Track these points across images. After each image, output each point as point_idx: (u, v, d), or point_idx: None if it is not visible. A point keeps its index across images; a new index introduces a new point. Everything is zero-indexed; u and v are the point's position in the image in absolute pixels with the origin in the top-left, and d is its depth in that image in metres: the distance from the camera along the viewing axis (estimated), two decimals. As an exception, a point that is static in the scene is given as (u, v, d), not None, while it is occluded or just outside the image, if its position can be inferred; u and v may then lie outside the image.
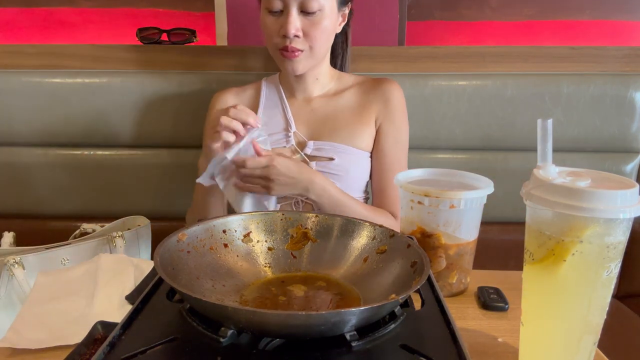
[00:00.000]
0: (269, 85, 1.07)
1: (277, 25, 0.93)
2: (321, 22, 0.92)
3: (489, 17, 1.37)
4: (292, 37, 0.91)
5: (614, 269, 0.47)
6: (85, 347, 0.53)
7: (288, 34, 0.91)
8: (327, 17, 0.93)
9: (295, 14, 0.91)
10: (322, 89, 1.05)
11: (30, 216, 1.30)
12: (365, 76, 1.09)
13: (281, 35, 0.92)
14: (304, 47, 0.93)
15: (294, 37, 0.91)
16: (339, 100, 1.04)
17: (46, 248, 0.85)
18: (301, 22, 0.91)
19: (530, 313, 0.53)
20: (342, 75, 1.08)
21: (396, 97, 1.04)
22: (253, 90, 1.09)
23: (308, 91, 1.04)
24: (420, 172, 0.81)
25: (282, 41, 0.93)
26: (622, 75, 1.21)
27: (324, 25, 0.93)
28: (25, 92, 1.22)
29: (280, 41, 0.93)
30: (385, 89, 1.04)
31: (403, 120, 1.05)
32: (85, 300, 0.67)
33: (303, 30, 0.92)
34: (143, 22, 1.35)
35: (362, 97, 1.05)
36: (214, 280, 0.52)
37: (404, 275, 0.51)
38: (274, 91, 1.06)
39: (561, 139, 1.21)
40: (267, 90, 1.07)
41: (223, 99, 1.07)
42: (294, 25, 0.90)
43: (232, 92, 1.08)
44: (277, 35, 0.93)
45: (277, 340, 0.42)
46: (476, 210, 0.72)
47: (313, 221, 0.62)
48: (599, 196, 0.44)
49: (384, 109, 1.03)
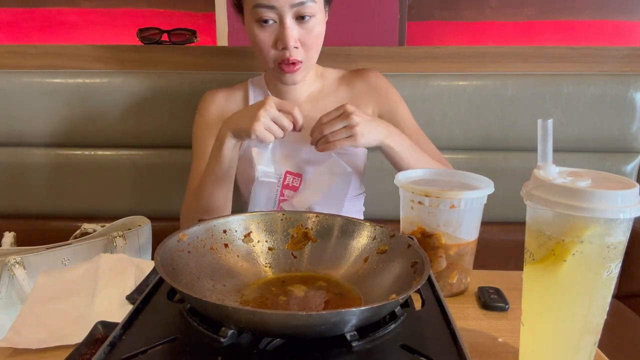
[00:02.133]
0: (255, 88, 1.06)
1: (271, 38, 0.87)
2: (315, 28, 0.88)
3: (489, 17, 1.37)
4: (291, 49, 0.87)
5: (614, 269, 0.47)
6: (85, 347, 0.53)
7: (288, 46, 0.86)
8: (320, 22, 0.90)
9: (291, 23, 0.86)
10: (309, 89, 1.04)
11: (30, 216, 1.30)
12: (343, 70, 1.08)
13: (279, 48, 0.88)
14: (302, 58, 0.89)
15: (293, 48, 0.87)
16: (328, 99, 1.03)
17: (47, 248, 0.85)
18: (297, 31, 0.87)
19: (530, 313, 0.53)
20: (324, 70, 1.06)
21: (383, 83, 1.05)
22: (241, 92, 1.07)
23: (296, 93, 1.02)
24: (420, 172, 0.81)
25: (281, 54, 0.88)
26: (622, 75, 1.21)
27: (318, 31, 0.90)
28: (26, 92, 1.22)
29: (278, 54, 0.88)
30: (369, 80, 1.04)
31: (398, 98, 1.05)
32: (86, 300, 0.67)
33: (299, 39, 0.88)
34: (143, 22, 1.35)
35: (348, 91, 1.04)
36: (215, 280, 0.52)
37: (405, 275, 0.51)
38: (260, 94, 1.05)
39: (561, 139, 1.21)
40: (254, 92, 1.05)
41: (213, 99, 1.06)
42: (292, 36, 0.86)
43: (222, 92, 1.07)
44: (274, 48, 0.88)
45: (277, 340, 0.42)
46: (476, 210, 0.72)
47: (313, 221, 0.62)
48: (599, 196, 0.44)
49: (377, 98, 1.03)
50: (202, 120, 1.06)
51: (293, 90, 1.02)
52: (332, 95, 1.04)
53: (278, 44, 0.88)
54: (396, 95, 1.05)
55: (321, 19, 0.90)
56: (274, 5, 0.84)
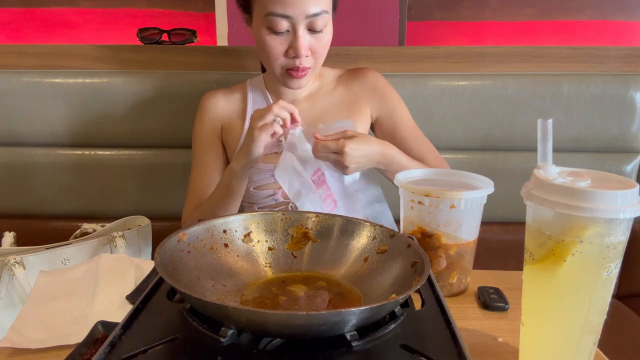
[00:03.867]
0: (253, 89, 1.06)
1: (283, 46, 0.89)
2: (325, 37, 0.90)
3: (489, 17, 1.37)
4: (303, 58, 0.89)
5: (614, 269, 0.47)
6: (85, 347, 0.53)
7: (299, 55, 0.88)
8: (330, 31, 0.92)
9: (304, 32, 0.87)
10: (307, 89, 1.04)
11: (30, 216, 1.30)
12: (340, 69, 1.08)
13: (290, 56, 0.89)
14: (311, 65, 0.92)
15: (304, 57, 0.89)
16: (326, 98, 1.03)
17: (47, 248, 0.85)
18: (308, 40, 0.89)
19: (530, 313, 0.53)
20: (322, 70, 1.06)
21: (380, 83, 1.04)
22: (240, 93, 1.07)
23: (296, 94, 1.03)
24: (420, 172, 0.81)
25: (291, 62, 0.90)
26: (622, 75, 1.21)
27: (327, 40, 0.92)
28: (26, 92, 1.22)
29: (287, 62, 0.90)
30: (367, 79, 1.04)
31: (396, 98, 1.05)
32: (86, 300, 0.68)
33: (310, 47, 0.89)
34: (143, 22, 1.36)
35: (346, 91, 1.04)
36: (215, 280, 0.52)
37: (404, 275, 0.51)
38: (259, 94, 1.05)
39: (561, 139, 1.21)
40: (252, 93, 1.05)
41: (213, 100, 1.06)
42: (304, 46, 0.87)
43: (221, 93, 1.07)
44: (285, 56, 0.90)
45: (277, 340, 0.42)
46: (476, 210, 0.72)
47: (313, 221, 0.62)
48: (600, 196, 0.44)
49: (375, 98, 1.03)
50: (201, 127, 1.06)
51: (292, 91, 1.02)
52: (330, 95, 1.04)
53: (289, 52, 0.89)
54: (394, 95, 1.05)
55: (330, 29, 0.92)
56: (289, 15, 0.85)
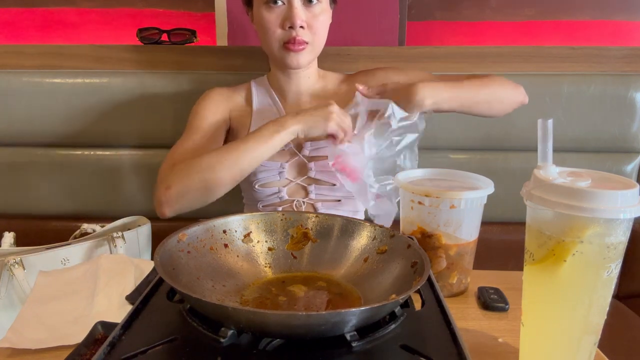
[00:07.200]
0: (258, 88, 1.06)
1: (278, 19, 0.92)
2: (321, 14, 0.94)
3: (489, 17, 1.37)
4: (298, 28, 0.91)
5: (615, 269, 0.47)
6: (85, 347, 0.53)
7: (294, 25, 0.90)
8: (325, 11, 0.95)
9: (299, 4, 0.91)
10: (312, 87, 1.04)
11: (30, 216, 1.30)
12: (345, 74, 1.09)
13: (286, 28, 0.92)
14: (309, 39, 0.94)
15: (299, 28, 0.91)
16: (329, 97, 1.03)
17: (46, 248, 0.85)
18: (304, 13, 0.92)
19: (530, 313, 0.53)
20: (325, 73, 1.08)
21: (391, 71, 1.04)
22: (244, 92, 1.08)
23: (299, 91, 1.03)
24: (420, 172, 0.81)
25: (287, 34, 0.92)
26: (622, 75, 1.21)
27: (324, 18, 0.95)
28: (25, 92, 1.22)
29: (284, 34, 0.93)
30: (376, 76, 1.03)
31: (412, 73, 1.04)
32: (86, 300, 0.67)
33: (306, 22, 0.92)
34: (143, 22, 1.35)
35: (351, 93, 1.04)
36: (214, 281, 0.52)
37: (405, 276, 0.51)
38: (264, 93, 1.06)
39: (561, 139, 1.21)
40: (257, 92, 1.06)
41: (221, 91, 1.06)
42: (299, 16, 0.91)
43: (225, 91, 1.07)
44: (281, 27, 0.93)
45: (277, 340, 0.42)
46: (476, 211, 0.72)
47: (313, 221, 0.62)
48: (600, 196, 0.44)
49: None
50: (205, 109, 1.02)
51: (296, 88, 1.03)
52: (335, 93, 1.05)
53: (285, 23, 0.92)
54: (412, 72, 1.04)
55: (326, 9, 0.95)
56: None
